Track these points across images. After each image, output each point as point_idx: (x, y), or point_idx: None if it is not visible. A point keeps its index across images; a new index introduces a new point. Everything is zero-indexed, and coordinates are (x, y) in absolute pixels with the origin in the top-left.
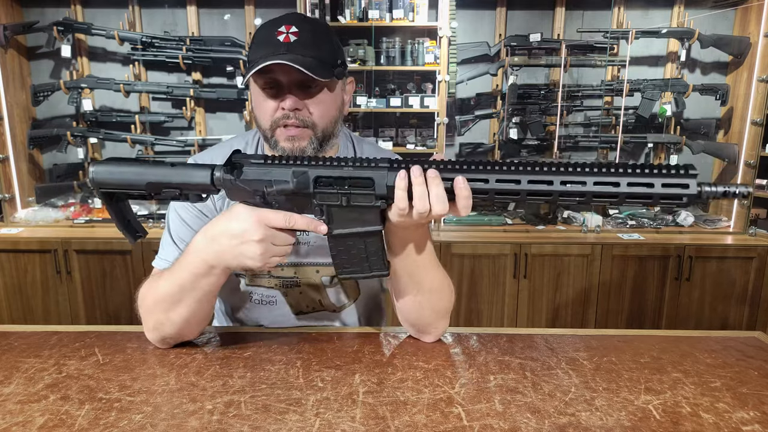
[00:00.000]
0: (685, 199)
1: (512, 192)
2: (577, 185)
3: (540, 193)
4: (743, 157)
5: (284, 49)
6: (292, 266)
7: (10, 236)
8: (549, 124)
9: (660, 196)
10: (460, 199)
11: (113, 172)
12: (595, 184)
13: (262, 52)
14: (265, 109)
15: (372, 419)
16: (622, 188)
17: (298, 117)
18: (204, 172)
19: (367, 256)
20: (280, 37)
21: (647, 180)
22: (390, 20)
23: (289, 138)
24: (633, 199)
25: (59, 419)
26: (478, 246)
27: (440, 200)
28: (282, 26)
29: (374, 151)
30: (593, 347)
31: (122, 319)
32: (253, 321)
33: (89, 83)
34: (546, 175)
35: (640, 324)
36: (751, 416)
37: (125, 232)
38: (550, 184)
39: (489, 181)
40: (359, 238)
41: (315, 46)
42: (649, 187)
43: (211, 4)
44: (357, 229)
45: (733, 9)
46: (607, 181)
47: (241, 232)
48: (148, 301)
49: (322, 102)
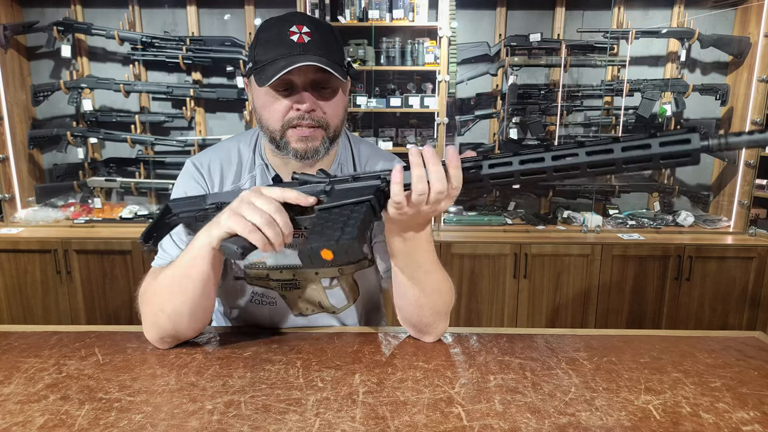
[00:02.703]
0: (690, 156)
1: (506, 175)
2: (569, 158)
3: (534, 171)
4: (743, 157)
5: (300, 50)
6: (291, 269)
7: (10, 236)
8: (549, 124)
9: (660, 156)
10: (450, 168)
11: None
12: (588, 154)
13: (274, 53)
14: (276, 110)
15: (372, 419)
16: (617, 154)
17: (312, 117)
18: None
19: (344, 223)
20: (294, 38)
21: (642, 142)
22: (390, 20)
23: (302, 138)
24: (632, 164)
25: (59, 419)
26: (478, 246)
27: (439, 178)
28: (293, 26)
29: (372, 151)
30: (593, 347)
31: (122, 319)
32: (253, 322)
33: (89, 83)
34: (537, 153)
35: (640, 324)
36: (751, 416)
37: (149, 238)
38: (541, 161)
39: (482, 167)
40: (346, 208)
41: (327, 47)
42: (645, 149)
43: (211, 4)
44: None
45: (733, 9)
46: (600, 149)
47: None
48: (147, 295)
49: (334, 102)
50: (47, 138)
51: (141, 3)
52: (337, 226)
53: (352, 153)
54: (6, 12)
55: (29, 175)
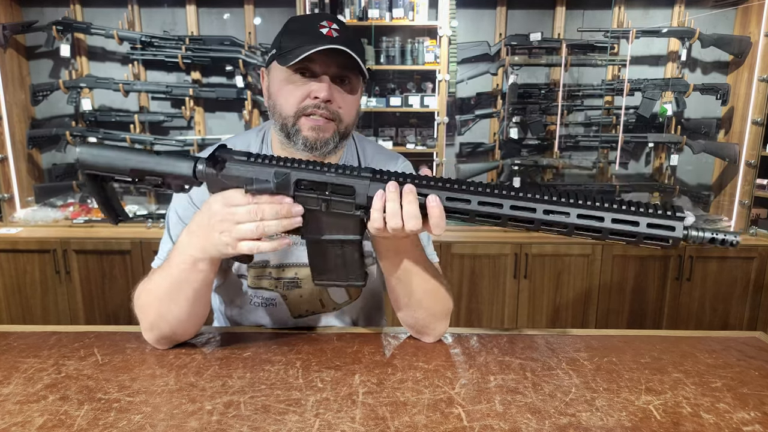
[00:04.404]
0: (670, 242)
1: (493, 216)
2: (560, 216)
3: (522, 219)
4: (744, 156)
5: (328, 42)
6: (294, 267)
7: (9, 236)
8: (549, 124)
9: (644, 236)
10: (432, 218)
11: (99, 155)
12: (579, 217)
13: (301, 40)
14: (292, 96)
15: (372, 420)
16: (606, 224)
17: (328, 108)
18: (187, 163)
19: (345, 263)
20: (323, 30)
21: (633, 218)
22: (390, 19)
23: (314, 128)
24: (617, 236)
25: (58, 419)
26: (478, 246)
27: (412, 217)
28: (324, 21)
29: (376, 150)
30: (594, 347)
31: (121, 320)
32: (253, 323)
33: (88, 83)
34: (530, 202)
35: (640, 324)
36: (751, 416)
37: (106, 214)
38: (533, 212)
39: (471, 203)
40: (337, 245)
41: (353, 46)
42: (634, 226)
43: (211, 4)
44: (335, 236)
45: (734, 8)
46: (592, 214)
47: (208, 217)
48: (141, 300)
49: (351, 98)
50: (46, 138)
51: (140, 2)
52: (338, 262)
53: (357, 152)
54: (5, 11)
55: (28, 174)
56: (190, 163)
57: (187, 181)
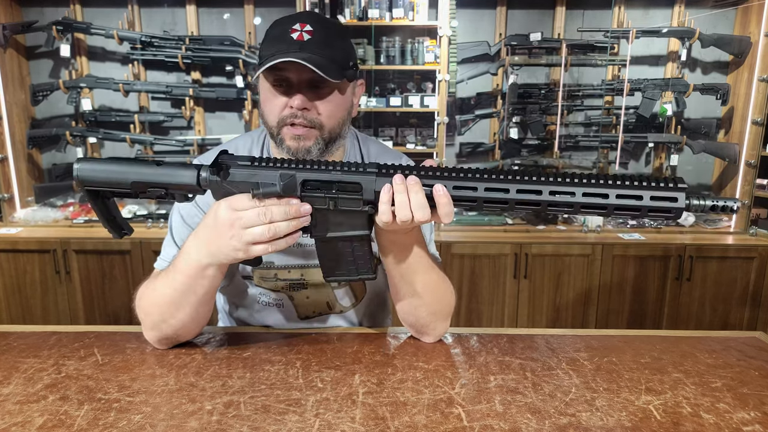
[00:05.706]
0: (673, 213)
1: (501, 201)
2: (566, 195)
3: (529, 202)
4: (744, 156)
5: (297, 48)
6: (299, 268)
7: (9, 236)
8: (549, 124)
9: (648, 208)
10: (440, 206)
11: (98, 170)
12: (584, 195)
13: (274, 49)
14: (274, 106)
15: (372, 420)
16: (611, 200)
17: (305, 117)
18: (190, 172)
19: (355, 259)
20: (294, 35)
21: (636, 192)
22: (390, 19)
23: (295, 137)
24: (621, 211)
25: (58, 419)
26: (478, 246)
27: (420, 208)
28: (296, 24)
29: (380, 150)
30: (594, 347)
31: (121, 320)
32: (259, 324)
33: (88, 83)
34: (535, 184)
35: (640, 324)
36: (751, 416)
37: (110, 229)
38: (539, 194)
39: (478, 189)
40: (346, 242)
41: (328, 46)
42: (637, 200)
43: (211, 4)
44: (344, 233)
45: (734, 8)
46: (597, 192)
47: (214, 223)
48: (144, 302)
49: (331, 103)
50: (46, 138)
51: (140, 2)
52: (348, 257)
53: (360, 152)
54: (5, 11)
55: (28, 174)
56: (193, 171)
57: (191, 190)
